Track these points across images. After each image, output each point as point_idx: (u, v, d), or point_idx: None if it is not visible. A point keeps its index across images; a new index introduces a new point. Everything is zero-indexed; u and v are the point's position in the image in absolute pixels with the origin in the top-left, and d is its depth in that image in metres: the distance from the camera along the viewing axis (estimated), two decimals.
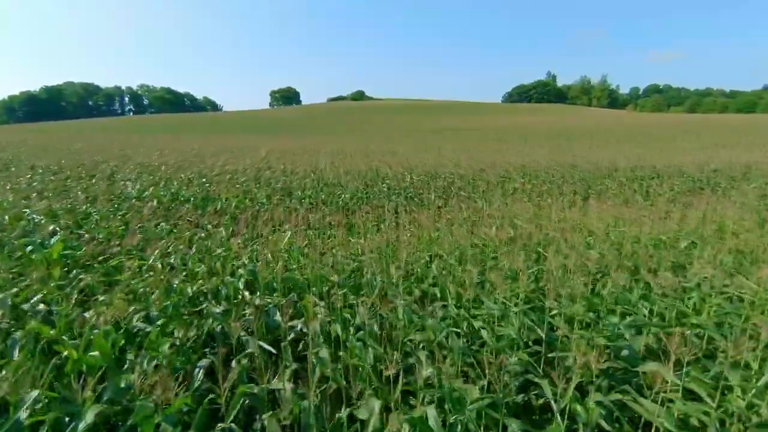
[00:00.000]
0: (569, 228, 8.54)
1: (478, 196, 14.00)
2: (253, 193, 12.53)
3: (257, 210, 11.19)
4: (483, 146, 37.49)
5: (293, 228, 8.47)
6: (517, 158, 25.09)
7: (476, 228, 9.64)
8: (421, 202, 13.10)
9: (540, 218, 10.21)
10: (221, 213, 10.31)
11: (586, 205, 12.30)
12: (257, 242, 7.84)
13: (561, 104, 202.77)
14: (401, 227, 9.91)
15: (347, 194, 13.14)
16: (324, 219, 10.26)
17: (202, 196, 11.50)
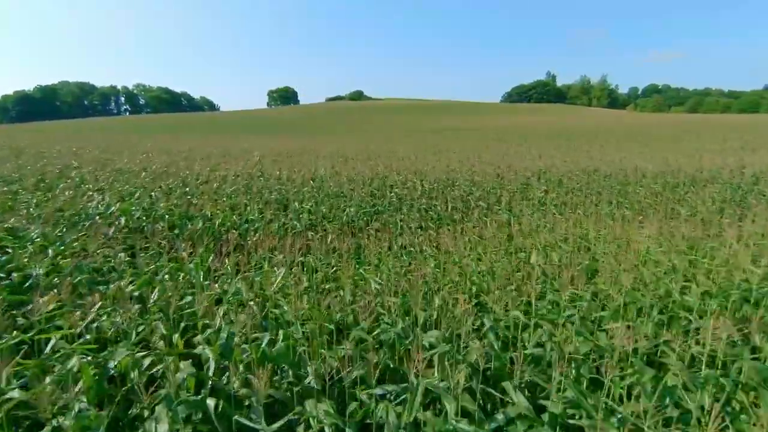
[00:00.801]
0: (624, 254, 6.81)
1: (501, 207, 12.24)
2: (242, 207, 10.72)
3: (246, 228, 9.39)
4: (488, 147, 35.75)
5: (288, 256, 6.72)
6: (530, 161, 23.33)
7: (509, 248, 7.93)
8: (438, 217, 11.33)
9: (583, 238, 8.46)
10: (200, 235, 8.50)
11: (624, 217, 10.56)
12: (242, 278, 6.05)
13: (561, 104, 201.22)
14: (420, 248, 8.17)
15: (352, 207, 11.35)
16: (326, 239, 8.50)
17: (180, 212, 9.67)
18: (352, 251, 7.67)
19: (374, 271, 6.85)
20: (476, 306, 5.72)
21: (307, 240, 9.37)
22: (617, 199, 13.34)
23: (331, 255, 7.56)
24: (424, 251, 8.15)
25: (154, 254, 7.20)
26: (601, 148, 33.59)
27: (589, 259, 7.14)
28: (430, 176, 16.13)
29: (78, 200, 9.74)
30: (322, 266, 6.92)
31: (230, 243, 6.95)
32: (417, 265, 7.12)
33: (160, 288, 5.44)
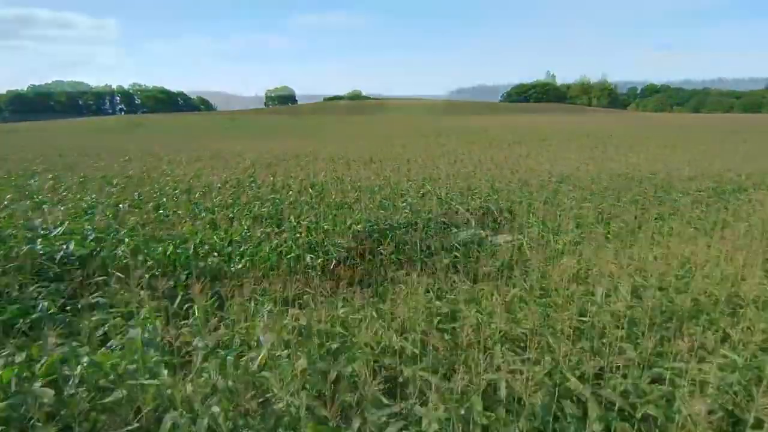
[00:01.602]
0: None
1: (534, 222, 10.35)
2: (225, 225, 8.72)
3: (229, 253, 7.43)
4: (499, 148, 33.93)
5: (279, 306, 4.84)
6: (547, 164, 21.48)
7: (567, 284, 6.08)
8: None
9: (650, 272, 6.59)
10: (165, 268, 6.56)
11: (681, 233, 8.70)
12: (210, 354, 4.14)
13: (561, 103, 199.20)
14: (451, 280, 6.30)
15: (358, 223, 9.41)
16: (330, 271, 6.62)
17: (145, 233, 7.67)
18: (367, 294, 5.76)
19: (398, 324, 4.99)
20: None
21: (306, 267, 7.52)
22: (667, 210, 11.41)
23: (338, 294, 5.65)
24: (455, 285, 6.26)
25: (96, 298, 5.27)
26: (617, 149, 31.77)
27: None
28: (444, 181, 14.26)
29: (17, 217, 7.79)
30: (327, 318, 5.00)
31: (201, 287, 4.99)
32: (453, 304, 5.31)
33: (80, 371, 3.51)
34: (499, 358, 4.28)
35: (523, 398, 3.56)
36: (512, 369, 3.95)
